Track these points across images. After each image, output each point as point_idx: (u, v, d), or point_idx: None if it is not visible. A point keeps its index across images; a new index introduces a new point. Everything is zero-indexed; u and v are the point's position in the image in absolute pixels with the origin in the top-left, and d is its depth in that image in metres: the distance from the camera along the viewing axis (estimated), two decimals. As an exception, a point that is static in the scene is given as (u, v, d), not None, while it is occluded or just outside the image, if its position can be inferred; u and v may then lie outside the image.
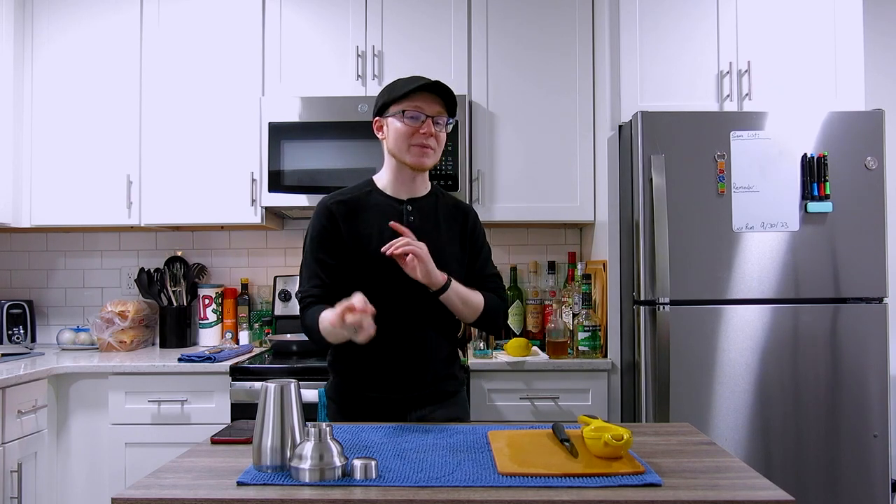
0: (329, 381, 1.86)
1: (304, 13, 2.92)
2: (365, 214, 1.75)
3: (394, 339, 1.71)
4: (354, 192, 1.81)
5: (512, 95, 2.90)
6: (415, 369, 1.75)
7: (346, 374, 1.80)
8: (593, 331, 2.60)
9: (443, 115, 1.72)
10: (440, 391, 1.80)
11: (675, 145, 2.41)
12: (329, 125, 2.81)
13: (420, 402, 1.77)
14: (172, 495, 1.13)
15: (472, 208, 1.92)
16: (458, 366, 1.89)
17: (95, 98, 2.94)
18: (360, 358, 1.73)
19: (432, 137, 1.71)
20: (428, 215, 1.79)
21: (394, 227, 1.67)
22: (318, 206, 1.79)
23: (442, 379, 1.81)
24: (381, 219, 1.74)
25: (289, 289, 3.10)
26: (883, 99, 3.06)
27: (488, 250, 1.91)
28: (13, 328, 3.06)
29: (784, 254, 2.41)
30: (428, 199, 1.82)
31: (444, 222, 1.81)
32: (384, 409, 1.75)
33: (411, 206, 1.78)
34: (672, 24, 2.64)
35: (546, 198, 2.87)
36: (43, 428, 2.52)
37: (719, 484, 1.19)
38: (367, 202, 1.77)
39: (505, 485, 1.16)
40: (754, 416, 2.38)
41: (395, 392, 1.75)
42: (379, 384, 1.76)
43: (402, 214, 1.76)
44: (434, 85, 1.69)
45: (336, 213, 1.74)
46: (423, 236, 1.70)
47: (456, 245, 1.82)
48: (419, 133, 1.70)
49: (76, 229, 3.19)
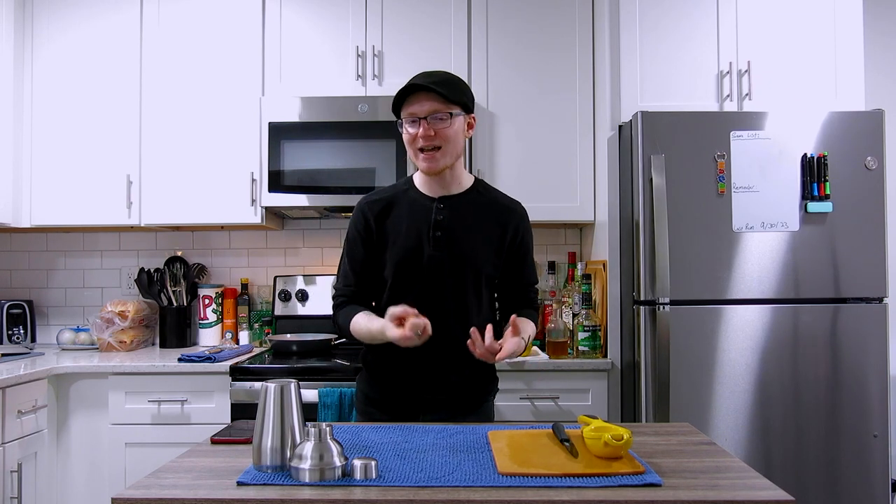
0: (360, 373, 1.88)
1: (304, 13, 2.92)
2: (397, 212, 1.77)
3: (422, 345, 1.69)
4: (391, 191, 1.83)
5: (512, 95, 2.90)
6: (439, 370, 1.75)
7: (374, 368, 1.82)
8: (593, 331, 2.60)
9: (440, 111, 1.67)
10: (465, 396, 1.79)
11: (675, 145, 2.41)
12: (329, 125, 2.81)
13: (441, 404, 1.76)
14: (172, 495, 1.13)
15: (519, 208, 1.85)
16: (489, 375, 1.85)
17: (95, 98, 2.94)
18: (388, 355, 1.73)
19: (434, 137, 1.68)
20: (460, 214, 1.76)
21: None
22: (356, 206, 1.82)
23: (468, 384, 1.79)
24: (411, 217, 1.75)
25: (289, 289, 3.10)
26: (883, 99, 3.06)
27: (532, 254, 1.88)
28: (13, 328, 3.06)
29: (784, 254, 2.41)
30: (465, 196, 1.79)
31: (480, 222, 1.77)
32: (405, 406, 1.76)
33: (443, 203, 1.76)
34: (672, 24, 2.64)
35: (546, 198, 2.87)
36: (43, 428, 2.52)
37: (719, 484, 1.19)
38: (400, 200, 1.78)
39: (505, 485, 1.16)
40: (754, 416, 2.38)
41: (417, 391, 1.76)
42: (403, 381, 1.77)
43: (432, 212, 1.75)
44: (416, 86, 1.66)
45: (368, 213, 1.77)
46: (451, 235, 1.72)
47: (491, 246, 1.78)
48: (417, 137, 1.68)
49: (76, 229, 3.19)
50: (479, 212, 1.78)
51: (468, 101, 1.74)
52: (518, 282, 1.86)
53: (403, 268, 1.71)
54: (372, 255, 1.77)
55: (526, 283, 1.87)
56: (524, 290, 1.87)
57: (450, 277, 1.73)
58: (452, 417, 1.74)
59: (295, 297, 3.09)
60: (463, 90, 1.73)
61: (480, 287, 1.78)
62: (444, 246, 1.72)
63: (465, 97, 1.73)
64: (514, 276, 1.84)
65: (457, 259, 1.73)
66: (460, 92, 1.71)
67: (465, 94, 1.73)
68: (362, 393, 1.86)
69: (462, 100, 1.71)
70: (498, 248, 1.78)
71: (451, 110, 1.69)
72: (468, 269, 1.74)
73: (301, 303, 3.09)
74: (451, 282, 1.73)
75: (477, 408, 1.82)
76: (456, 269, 1.73)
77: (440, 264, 1.72)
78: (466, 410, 1.78)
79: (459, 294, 1.74)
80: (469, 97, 1.75)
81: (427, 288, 1.72)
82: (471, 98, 1.76)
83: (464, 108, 1.73)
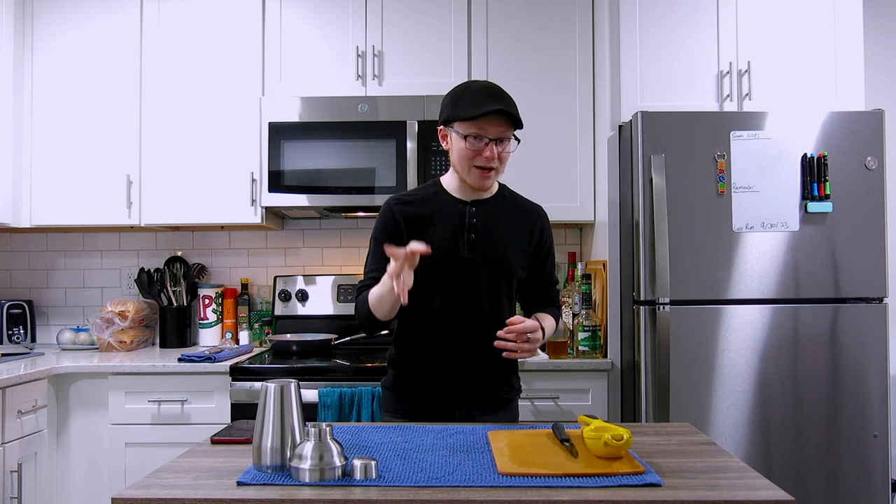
0: (387, 375, 1.89)
1: (304, 13, 2.92)
2: (429, 215, 1.78)
3: (451, 338, 1.76)
4: (419, 193, 1.84)
5: (511, 95, 2.89)
6: (467, 368, 1.77)
7: (404, 366, 1.83)
8: (593, 331, 2.60)
9: (507, 133, 1.70)
10: (492, 395, 1.82)
11: (675, 145, 2.41)
12: (329, 125, 2.81)
13: (468, 401, 1.79)
14: (172, 495, 1.13)
15: (540, 210, 1.91)
16: (515, 374, 1.89)
17: (95, 98, 2.94)
18: (423, 348, 1.79)
19: (495, 159, 1.70)
20: (492, 217, 1.80)
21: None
22: (383, 206, 1.82)
23: (495, 383, 1.82)
24: (444, 219, 1.77)
25: (289, 289, 3.10)
26: (883, 99, 3.07)
27: (554, 255, 1.92)
28: (13, 328, 3.06)
29: (784, 254, 2.40)
30: (494, 200, 1.83)
31: (509, 224, 1.81)
32: (434, 402, 1.78)
33: (475, 207, 1.79)
34: (672, 24, 2.64)
35: (546, 198, 2.82)
36: (43, 428, 2.52)
37: (719, 484, 1.19)
38: (431, 203, 1.80)
39: (505, 485, 1.16)
40: (754, 416, 2.38)
41: (445, 386, 1.78)
42: (432, 377, 1.78)
43: (465, 216, 1.77)
44: (500, 110, 1.66)
45: (398, 214, 1.77)
46: (485, 238, 1.76)
47: (520, 248, 1.82)
48: (481, 156, 1.69)
49: (76, 229, 3.19)
50: (508, 215, 1.82)
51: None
52: (541, 282, 1.90)
53: (437, 269, 1.72)
54: None
55: (548, 284, 1.92)
56: (546, 289, 1.92)
57: (483, 279, 1.77)
58: (483, 414, 1.78)
59: (295, 297, 3.09)
60: (518, 110, 1.72)
61: (511, 288, 1.83)
62: (479, 248, 1.76)
63: (520, 117, 1.72)
64: (537, 277, 1.89)
65: (490, 261, 1.77)
66: (519, 113, 1.71)
67: (519, 114, 1.73)
68: (392, 393, 1.86)
69: (521, 120, 1.71)
70: (525, 250, 1.83)
71: (514, 133, 1.74)
72: (501, 271, 1.78)
73: (301, 303, 3.09)
74: (484, 283, 1.77)
75: (507, 405, 1.86)
76: (490, 270, 1.77)
77: (474, 266, 1.76)
78: (497, 407, 1.83)
79: (493, 294, 1.78)
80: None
81: (460, 289, 1.75)
82: None
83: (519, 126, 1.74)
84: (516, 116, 1.68)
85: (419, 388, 1.81)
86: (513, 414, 1.88)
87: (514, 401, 1.89)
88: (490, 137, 1.68)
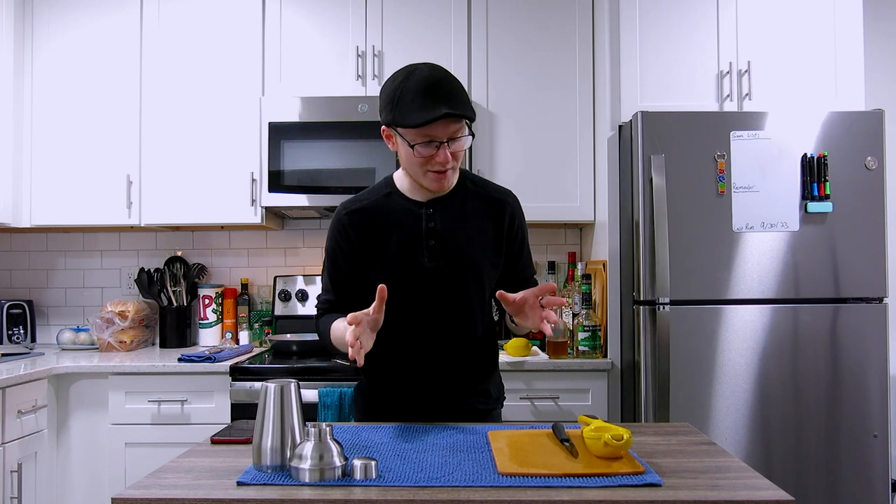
0: (361, 381, 1.79)
1: (304, 13, 2.92)
2: (382, 222, 1.62)
3: (417, 351, 1.64)
4: (371, 197, 1.67)
5: (512, 95, 2.90)
6: (439, 387, 1.66)
7: (375, 379, 1.72)
8: (593, 331, 2.60)
9: (458, 131, 1.52)
10: (468, 409, 1.69)
11: (675, 145, 2.41)
12: (329, 125, 2.81)
13: (441, 418, 1.66)
14: (172, 495, 1.13)
15: (510, 197, 1.70)
16: (494, 382, 1.76)
17: (95, 98, 2.94)
18: (388, 367, 1.67)
19: (449, 161, 1.52)
20: (452, 216, 1.63)
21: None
22: (333, 216, 1.67)
23: (469, 396, 1.70)
24: (399, 226, 1.61)
25: (289, 289, 3.10)
26: (883, 99, 3.06)
27: (528, 245, 1.75)
28: (13, 328, 3.06)
29: (784, 254, 2.40)
30: (454, 195, 1.64)
31: (472, 221, 1.64)
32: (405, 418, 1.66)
33: (432, 208, 1.62)
34: (672, 24, 2.64)
35: (546, 198, 2.87)
36: (43, 428, 2.52)
37: (719, 484, 1.19)
38: (384, 207, 1.64)
39: (505, 485, 1.16)
40: (754, 416, 2.38)
41: (415, 404, 1.67)
42: (404, 396, 1.68)
43: (422, 220, 1.61)
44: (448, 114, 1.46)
45: (348, 226, 1.63)
46: (447, 242, 1.61)
47: (489, 244, 1.65)
48: (434, 161, 1.52)
49: (76, 229, 3.19)
50: (471, 210, 1.65)
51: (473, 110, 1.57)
52: (515, 277, 1.71)
53: (398, 282, 1.56)
54: (356, 270, 1.64)
55: (524, 278, 1.73)
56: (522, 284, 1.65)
57: (450, 286, 1.62)
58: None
59: (295, 297, 3.09)
60: (468, 99, 1.56)
61: (483, 290, 1.67)
62: (441, 255, 1.61)
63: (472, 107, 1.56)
64: (510, 272, 1.71)
65: (455, 266, 1.62)
66: (470, 103, 1.55)
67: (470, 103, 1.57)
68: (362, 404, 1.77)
69: (472, 112, 1.54)
70: (496, 246, 1.66)
71: (467, 127, 1.54)
72: (469, 275, 1.63)
73: (301, 303, 3.09)
74: (451, 291, 1.62)
75: (485, 416, 1.73)
76: (455, 276, 1.62)
77: (438, 274, 1.61)
78: (473, 419, 1.70)
79: (462, 305, 1.64)
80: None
81: (425, 300, 1.61)
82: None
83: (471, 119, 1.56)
84: (465, 114, 1.49)
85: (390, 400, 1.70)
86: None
87: (495, 410, 1.76)
88: (440, 140, 1.49)
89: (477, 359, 1.72)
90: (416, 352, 1.65)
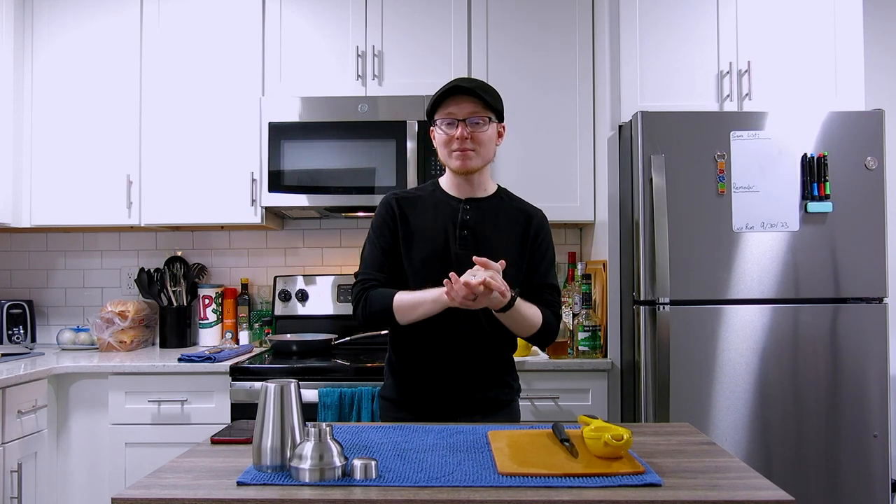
0: (384, 383, 1.89)
1: (304, 13, 2.92)
2: (423, 209, 1.80)
3: (448, 338, 1.74)
4: (417, 191, 1.88)
5: (512, 95, 2.88)
6: (464, 368, 1.76)
7: (404, 373, 1.82)
8: (593, 331, 2.60)
9: (478, 114, 1.72)
10: (491, 399, 1.81)
11: (675, 145, 2.41)
12: (329, 125, 2.81)
13: (470, 408, 1.77)
14: (172, 495, 1.13)
15: (538, 212, 1.88)
16: (513, 374, 1.88)
17: (95, 98, 2.94)
18: (415, 361, 1.78)
19: (468, 140, 1.72)
20: (486, 216, 1.80)
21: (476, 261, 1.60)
22: (382, 199, 1.85)
23: (493, 386, 1.81)
24: (437, 214, 1.79)
25: (289, 289, 3.10)
26: (883, 99, 3.06)
27: (552, 259, 1.86)
28: (13, 328, 3.06)
29: (784, 254, 2.40)
30: (490, 200, 1.83)
31: (504, 224, 1.81)
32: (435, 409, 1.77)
33: (469, 205, 1.80)
34: (672, 24, 2.64)
35: (546, 198, 2.84)
36: (43, 428, 2.52)
37: (719, 484, 1.19)
38: (427, 199, 1.83)
39: (505, 485, 1.16)
40: (754, 416, 2.38)
41: (444, 396, 1.77)
42: (431, 383, 1.77)
43: (458, 212, 1.78)
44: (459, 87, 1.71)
45: (395, 206, 1.80)
46: (478, 236, 1.76)
47: (515, 248, 1.79)
48: (454, 139, 1.72)
49: (76, 229, 3.19)
50: (503, 215, 1.82)
51: (502, 109, 1.79)
52: (540, 282, 1.81)
53: (428, 264, 1.73)
54: (397, 247, 1.79)
55: (546, 284, 1.82)
56: (542, 290, 1.81)
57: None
58: (485, 419, 1.74)
59: (295, 297, 3.09)
60: (498, 98, 1.78)
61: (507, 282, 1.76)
62: (471, 245, 1.75)
63: (500, 105, 1.78)
64: (534, 277, 1.82)
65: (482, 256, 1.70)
66: (497, 99, 1.77)
67: (499, 103, 1.78)
68: (389, 403, 1.84)
69: (498, 107, 1.77)
70: (520, 250, 1.80)
71: (489, 115, 1.74)
72: None
73: (301, 303, 3.09)
74: None
75: (507, 406, 1.84)
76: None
77: (466, 262, 1.68)
78: (497, 409, 1.81)
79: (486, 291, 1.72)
80: (502, 107, 1.80)
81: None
82: (503, 108, 1.80)
83: (498, 116, 1.78)
84: (482, 96, 1.70)
85: (420, 395, 1.79)
86: (514, 415, 1.86)
87: (515, 401, 1.88)
88: (460, 118, 1.71)
89: (500, 349, 1.83)
90: (444, 341, 1.75)
